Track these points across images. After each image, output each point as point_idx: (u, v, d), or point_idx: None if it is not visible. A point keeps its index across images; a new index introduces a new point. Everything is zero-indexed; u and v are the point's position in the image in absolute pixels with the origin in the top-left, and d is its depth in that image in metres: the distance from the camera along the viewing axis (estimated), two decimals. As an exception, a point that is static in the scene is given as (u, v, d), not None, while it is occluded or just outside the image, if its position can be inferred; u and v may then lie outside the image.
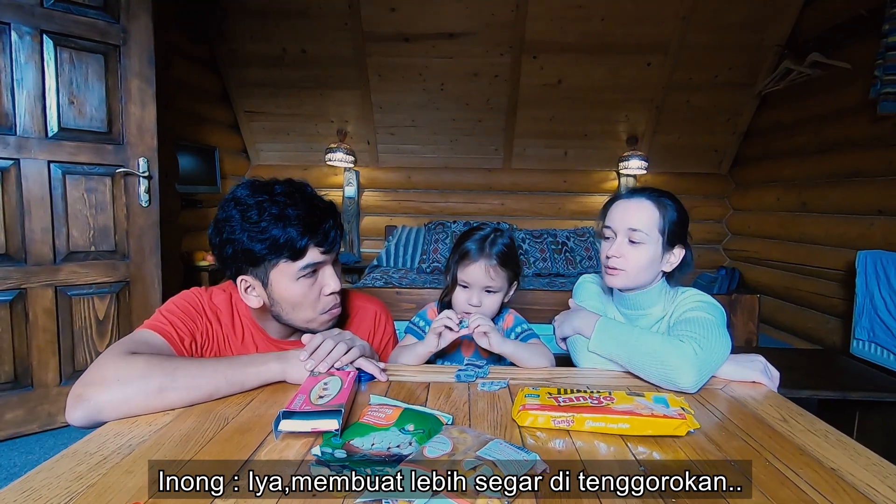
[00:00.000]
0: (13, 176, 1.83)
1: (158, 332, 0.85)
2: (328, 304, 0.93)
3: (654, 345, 0.89)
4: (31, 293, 1.89)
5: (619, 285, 1.04)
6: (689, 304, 1.01)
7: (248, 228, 0.84)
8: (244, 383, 0.79)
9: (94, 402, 0.70)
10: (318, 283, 0.91)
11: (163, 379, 0.73)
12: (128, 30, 2.00)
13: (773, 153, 3.63)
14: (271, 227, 0.83)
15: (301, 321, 0.93)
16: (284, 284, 0.88)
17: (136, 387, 0.71)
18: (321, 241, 0.87)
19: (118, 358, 0.75)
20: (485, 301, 1.05)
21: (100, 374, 0.73)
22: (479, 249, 1.03)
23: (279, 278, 0.87)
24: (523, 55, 3.51)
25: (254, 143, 4.21)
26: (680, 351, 0.86)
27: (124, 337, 0.83)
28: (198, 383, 0.74)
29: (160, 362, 0.75)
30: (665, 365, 0.86)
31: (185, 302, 0.92)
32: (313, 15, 3.35)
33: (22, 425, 1.91)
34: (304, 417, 0.64)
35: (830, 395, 1.60)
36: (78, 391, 0.72)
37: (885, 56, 2.45)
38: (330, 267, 0.92)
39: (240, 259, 0.87)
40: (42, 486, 0.54)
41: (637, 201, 1.03)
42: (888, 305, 2.38)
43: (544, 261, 3.61)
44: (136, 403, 0.71)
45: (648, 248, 1.00)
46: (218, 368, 0.77)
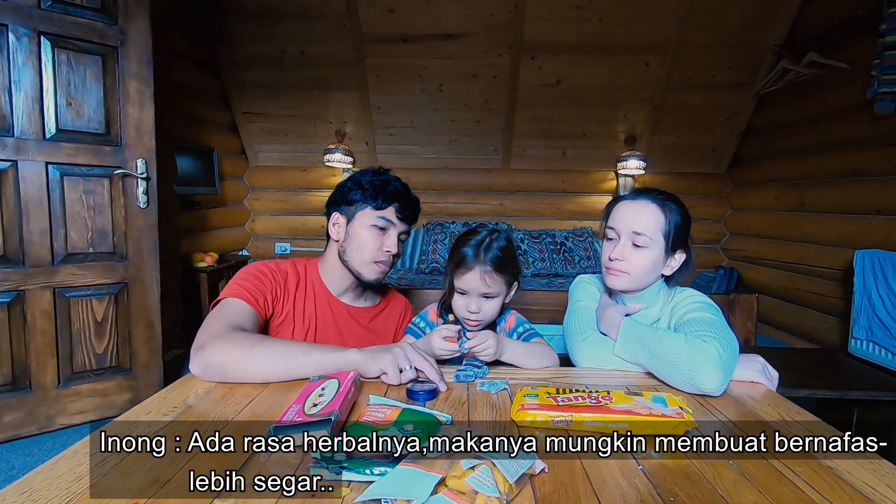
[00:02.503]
0: (11, 178, 1.83)
1: (240, 297, 1.02)
2: (382, 257, 1.14)
3: (679, 346, 0.87)
4: (30, 295, 1.88)
5: (622, 287, 1.03)
6: (690, 304, 1.01)
7: (357, 179, 1.15)
8: (322, 364, 0.88)
9: (208, 361, 0.86)
10: (383, 239, 1.13)
11: (260, 353, 0.87)
12: (126, 31, 2.00)
13: (772, 153, 3.64)
14: (373, 184, 1.13)
15: (357, 262, 1.13)
16: (362, 225, 1.13)
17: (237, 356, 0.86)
18: (399, 208, 1.14)
19: (225, 330, 0.92)
20: (483, 306, 1.04)
21: (211, 338, 0.89)
22: (475, 256, 1.01)
23: (361, 220, 1.13)
24: (522, 56, 3.52)
25: (252, 144, 4.21)
26: (705, 352, 0.84)
27: (219, 306, 1.01)
28: (286, 359, 0.88)
29: (259, 339, 0.92)
30: (691, 367, 0.84)
31: (254, 270, 1.11)
32: (312, 16, 3.35)
33: (20, 427, 1.91)
34: (295, 430, 0.64)
35: (829, 394, 1.61)
36: (199, 343, 0.89)
37: (882, 56, 2.45)
38: (396, 233, 1.15)
39: (342, 199, 1.15)
40: (42, 487, 0.54)
41: (642, 204, 1.02)
42: (886, 305, 2.39)
43: (543, 261, 3.61)
44: (234, 370, 0.86)
45: (652, 252, 1.00)
46: (305, 349, 0.90)
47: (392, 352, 0.89)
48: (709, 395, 0.84)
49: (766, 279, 3.63)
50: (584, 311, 1.11)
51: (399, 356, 0.88)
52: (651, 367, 0.92)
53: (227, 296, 1.03)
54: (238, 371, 0.86)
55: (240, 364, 0.86)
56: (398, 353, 0.88)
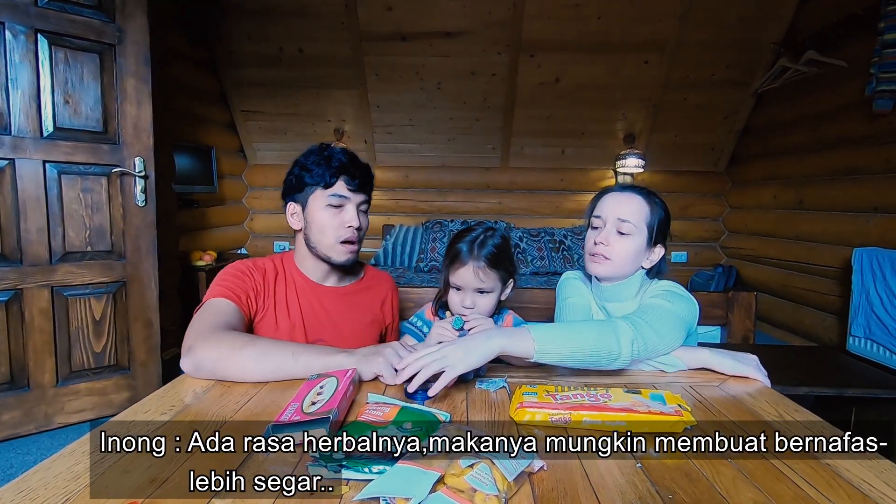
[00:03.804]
0: (8, 176, 1.82)
1: (223, 296, 1.03)
2: (345, 235, 1.11)
3: (592, 329, 0.87)
4: (28, 294, 1.88)
5: (603, 274, 1.05)
6: (655, 292, 1.02)
7: (301, 163, 1.12)
8: (310, 367, 0.87)
9: (198, 358, 0.87)
10: (342, 215, 1.11)
11: (249, 351, 0.88)
12: (123, 29, 1.99)
13: (770, 151, 3.64)
14: (316, 164, 1.10)
15: (324, 246, 1.12)
16: (316, 208, 1.11)
17: (227, 353, 0.87)
18: (348, 180, 1.10)
19: (213, 329, 0.93)
20: (478, 302, 1.06)
21: (201, 338, 0.90)
22: (469, 252, 1.03)
23: (314, 203, 1.11)
24: (520, 54, 3.51)
25: (251, 142, 4.20)
26: (614, 327, 0.87)
27: (205, 306, 1.01)
28: (275, 360, 0.87)
29: (249, 339, 0.93)
30: (602, 343, 0.85)
31: (233, 269, 1.11)
32: (310, 14, 3.34)
33: (18, 426, 1.91)
34: (293, 429, 0.64)
35: (827, 391, 1.61)
36: (187, 344, 0.90)
37: (881, 54, 2.45)
38: (353, 206, 1.12)
39: (292, 188, 1.13)
40: (40, 486, 0.54)
41: (628, 195, 1.06)
42: (884, 302, 2.39)
43: (542, 259, 3.61)
44: (224, 367, 0.86)
45: (635, 240, 1.02)
46: (295, 350, 0.89)
47: (383, 353, 0.88)
48: (619, 368, 0.88)
49: (765, 277, 3.64)
50: (573, 307, 1.13)
51: (391, 356, 0.87)
52: (572, 360, 0.85)
53: (210, 296, 1.03)
54: (228, 371, 0.86)
55: (229, 363, 0.86)
56: (390, 354, 0.87)
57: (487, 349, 0.81)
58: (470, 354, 0.80)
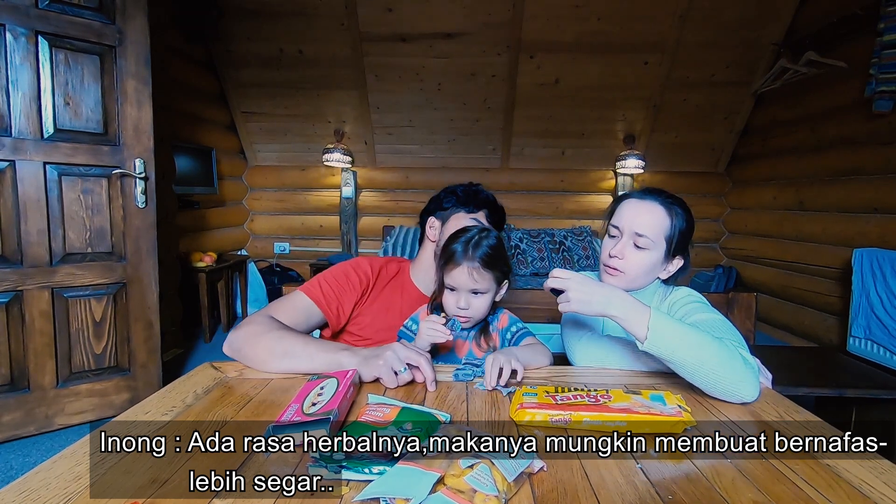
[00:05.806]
0: (9, 178, 1.82)
1: (313, 297, 1.10)
2: None
3: (716, 351, 0.80)
4: (28, 295, 1.88)
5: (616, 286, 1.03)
6: (687, 303, 1.00)
7: (451, 189, 1.26)
8: (314, 359, 0.93)
9: (233, 339, 0.97)
10: None
11: (268, 339, 0.95)
12: (123, 30, 1.99)
13: (770, 151, 3.64)
14: (466, 192, 1.25)
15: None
16: (455, 226, 1.18)
17: (255, 339, 0.95)
18: (489, 213, 1.25)
19: (266, 318, 1.00)
20: (473, 303, 1.05)
21: (248, 322, 0.99)
22: (463, 253, 1.03)
23: (454, 221, 1.21)
24: (520, 55, 3.52)
25: (251, 143, 4.21)
26: (745, 361, 0.80)
27: (290, 296, 1.09)
28: (284, 346, 0.94)
29: (276, 328, 0.98)
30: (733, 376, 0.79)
31: (339, 271, 1.17)
32: (310, 15, 3.35)
33: (19, 428, 1.91)
34: (293, 430, 0.64)
35: (827, 392, 1.61)
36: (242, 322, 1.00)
37: (880, 54, 2.46)
38: None
39: (437, 206, 1.26)
40: (41, 487, 0.54)
41: (649, 205, 1.01)
42: (884, 303, 2.39)
43: (542, 260, 3.61)
44: (247, 350, 0.95)
45: (651, 255, 0.99)
46: (305, 341, 0.96)
47: (384, 356, 0.87)
48: (746, 403, 0.81)
49: (765, 278, 3.64)
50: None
51: (391, 360, 0.86)
52: (681, 369, 0.82)
53: (304, 290, 1.11)
54: (248, 352, 0.94)
55: (251, 347, 0.94)
56: (390, 357, 0.87)
57: (602, 309, 0.84)
58: (584, 306, 0.85)
